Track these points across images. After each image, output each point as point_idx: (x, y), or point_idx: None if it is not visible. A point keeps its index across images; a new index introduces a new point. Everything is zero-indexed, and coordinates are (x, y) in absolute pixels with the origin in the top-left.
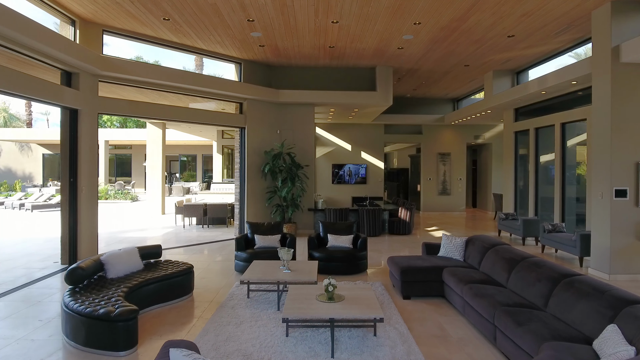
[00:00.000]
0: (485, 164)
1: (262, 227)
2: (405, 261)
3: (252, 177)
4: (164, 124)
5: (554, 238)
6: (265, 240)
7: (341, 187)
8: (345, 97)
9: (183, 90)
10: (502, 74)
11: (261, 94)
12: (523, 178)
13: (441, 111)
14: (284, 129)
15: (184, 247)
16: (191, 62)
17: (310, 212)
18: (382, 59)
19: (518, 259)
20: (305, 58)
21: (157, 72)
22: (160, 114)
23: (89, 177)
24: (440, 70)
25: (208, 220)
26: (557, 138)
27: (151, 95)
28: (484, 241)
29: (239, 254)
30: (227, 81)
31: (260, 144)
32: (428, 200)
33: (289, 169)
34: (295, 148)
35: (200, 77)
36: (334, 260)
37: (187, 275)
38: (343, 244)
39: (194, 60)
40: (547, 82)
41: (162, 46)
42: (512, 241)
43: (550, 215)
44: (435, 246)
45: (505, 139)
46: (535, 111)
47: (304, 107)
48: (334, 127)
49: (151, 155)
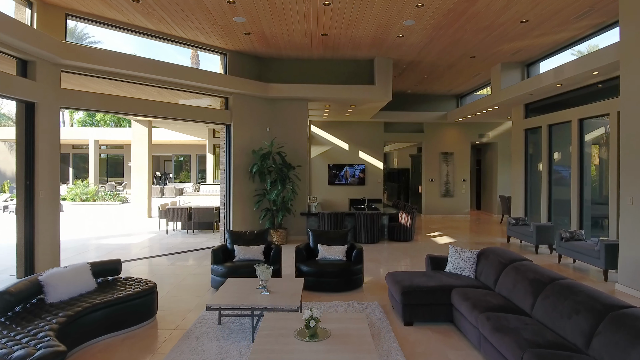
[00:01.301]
0: (491, 164)
1: (244, 237)
2: (407, 279)
3: (239, 178)
4: (150, 122)
5: (573, 247)
6: (246, 251)
7: (338, 189)
8: (341, 91)
9: (160, 83)
10: (511, 66)
11: (249, 88)
12: (534, 179)
13: (444, 108)
14: (275, 126)
15: (161, 256)
16: (187, 59)
17: (303, 217)
18: (381, 49)
19: (545, 281)
20: (297, 48)
21: (129, 62)
22: (135, 109)
23: (49, 179)
24: (444, 63)
25: (193, 225)
26: (575, 135)
27: (128, 89)
28: (500, 255)
29: (215, 268)
30: (210, 73)
31: (248, 143)
32: (430, 203)
33: (279, 170)
34: (287, 147)
35: (178, 69)
36: (325, 276)
37: (149, 296)
38: (336, 256)
39: (190, 59)
40: (565, 73)
41: (137, 34)
42: (522, 249)
43: (564, 220)
44: (441, 260)
45: (514, 137)
46: (549, 106)
47: (297, 103)
48: (330, 125)
49: (137, 155)
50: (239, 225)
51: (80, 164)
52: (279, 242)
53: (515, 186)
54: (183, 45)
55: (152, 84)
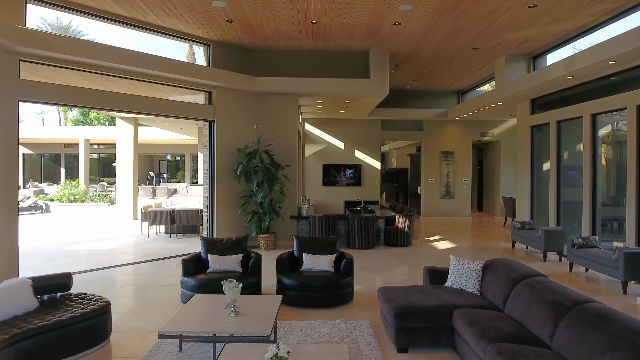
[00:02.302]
0: (493, 163)
1: (219, 245)
2: (401, 297)
3: (223, 179)
4: (136, 120)
5: (587, 255)
6: (221, 262)
7: (333, 190)
8: (334, 85)
9: (135, 75)
10: (516, 58)
11: (234, 82)
12: (541, 180)
13: (444, 105)
14: (263, 123)
15: (135, 264)
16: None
17: (293, 220)
18: (376, 39)
19: (568, 304)
20: (286, 38)
21: (98, 52)
22: (107, 103)
23: (4, 181)
24: (444, 55)
25: (176, 228)
26: (587, 132)
27: (103, 82)
28: (510, 269)
29: (185, 281)
30: (191, 65)
31: (233, 141)
32: (430, 204)
33: (266, 170)
34: (276, 145)
35: (155, 60)
36: (310, 290)
37: (99, 317)
38: (322, 267)
39: (187, 57)
40: (577, 63)
41: (107, 21)
42: (528, 255)
43: (572, 224)
44: (441, 273)
45: (519, 134)
46: (558, 101)
47: (286, 98)
48: (324, 123)
49: (122, 155)
50: (222, 229)
51: (73, 163)
52: (266, 247)
53: (520, 187)
54: (162, 35)
55: (126, 76)
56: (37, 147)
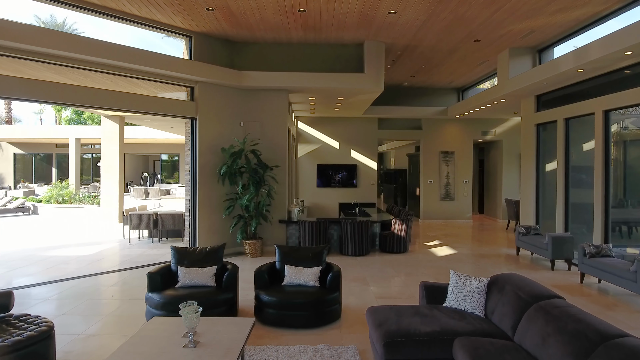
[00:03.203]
0: (495, 164)
1: (192, 256)
2: (392, 320)
3: (207, 181)
4: (122, 119)
5: (600, 265)
6: (192, 275)
7: (328, 192)
8: (326, 80)
9: (108, 69)
10: (521, 52)
11: (218, 76)
12: (547, 182)
13: (444, 103)
14: (250, 120)
15: (108, 273)
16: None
17: (282, 225)
18: (370, 30)
19: (594, 339)
20: (273, 29)
21: (66, 42)
22: (78, 99)
23: None
24: (444, 48)
25: (159, 233)
26: (599, 129)
27: (77, 77)
28: (519, 288)
29: (151, 298)
30: (171, 58)
31: (217, 140)
32: (428, 206)
33: (253, 171)
34: (264, 145)
35: (130, 53)
36: (292, 308)
37: (38, 345)
38: (306, 281)
39: (183, 55)
40: (589, 54)
41: (76, 9)
42: (533, 262)
43: (581, 229)
44: (439, 289)
45: (524, 133)
46: (566, 97)
47: (275, 94)
48: (318, 122)
49: (107, 154)
50: (205, 235)
51: (65, 164)
52: (252, 254)
53: (525, 189)
54: (139, 26)
55: (99, 69)
56: (29, 147)
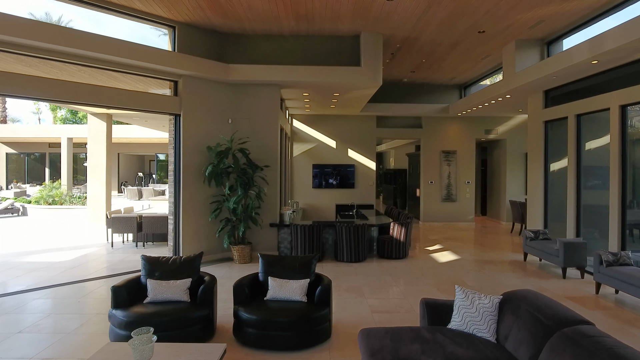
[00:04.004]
0: (498, 164)
1: (164, 266)
2: (388, 347)
3: (192, 182)
4: (109, 117)
5: (619, 275)
6: (163, 289)
7: (324, 193)
8: (320, 73)
9: (84, 60)
10: (528, 44)
11: (203, 69)
12: (555, 182)
13: (445, 100)
14: (239, 117)
15: (82, 282)
16: None
17: (273, 229)
18: (367, 19)
19: None
20: (263, 19)
21: (34, 31)
22: (49, 92)
23: None
24: (445, 41)
25: (144, 237)
26: (615, 126)
27: (50, 70)
28: (538, 309)
29: (114, 315)
30: (151, 50)
31: (203, 138)
32: (429, 208)
33: (241, 172)
34: (254, 143)
35: (107, 43)
36: (275, 327)
37: None
38: (292, 296)
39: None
40: (605, 44)
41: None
42: (542, 269)
43: (593, 233)
44: (442, 308)
45: (531, 131)
46: (577, 92)
47: (266, 89)
48: (314, 120)
49: (93, 154)
50: (190, 240)
51: (59, 164)
52: (240, 260)
53: (532, 190)
54: (116, 14)
55: (73, 61)
56: (22, 147)
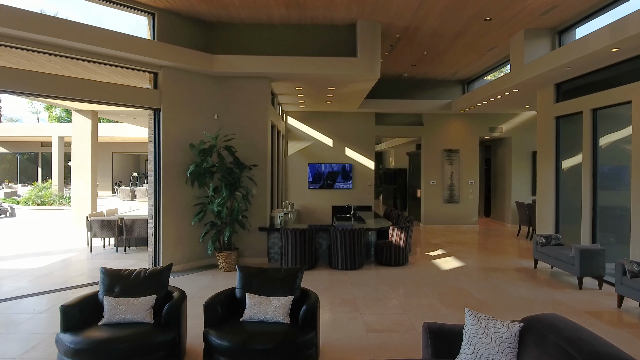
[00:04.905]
0: (503, 163)
1: (126, 281)
2: None
3: (173, 182)
4: (94, 114)
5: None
6: (122, 308)
7: (320, 193)
8: (313, 65)
9: (54, 49)
10: (538, 34)
11: (186, 60)
12: (567, 183)
13: (447, 96)
14: (225, 112)
15: (45, 294)
16: None
17: (263, 234)
18: (364, 7)
19: None
20: (251, 6)
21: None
22: (9, 83)
23: None
24: (448, 31)
25: (125, 241)
26: (638, 120)
27: (17, 59)
28: (570, 341)
29: (61, 341)
30: (128, 38)
31: (186, 134)
32: (431, 210)
33: (227, 171)
34: (241, 141)
35: (80, 29)
36: (251, 355)
37: None
38: (272, 316)
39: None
40: (628, 29)
41: None
42: (553, 277)
43: (609, 238)
44: (449, 335)
45: (540, 128)
46: (593, 85)
47: (255, 82)
48: (310, 117)
49: (78, 152)
50: (171, 246)
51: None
52: (226, 268)
53: (542, 191)
54: (92, 0)
55: (41, 49)
56: (15, 146)
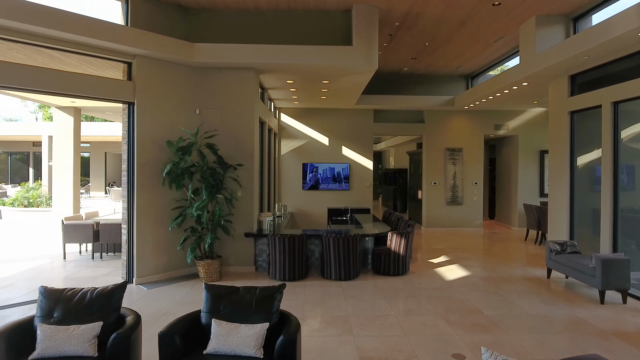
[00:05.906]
0: (508, 163)
1: (66, 303)
2: None
3: (149, 183)
4: (77, 111)
5: None
6: (60, 338)
7: (315, 195)
8: (304, 54)
9: (14, 35)
10: (551, 20)
11: (163, 48)
12: (582, 184)
13: (450, 92)
14: (208, 107)
15: (5, 308)
16: None
17: (249, 240)
18: None
19: None
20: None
21: None
22: None
23: None
24: (453, 18)
25: (101, 247)
26: None
27: None
28: None
29: None
30: (97, 22)
31: (163, 131)
32: (432, 212)
33: (209, 171)
34: (225, 138)
35: (43, 11)
36: None
37: None
38: (241, 349)
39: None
40: None
41: None
42: (569, 288)
43: (631, 245)
44: None
45: (553, 124)
46: (612, 76)
47: (241, 73)
48: (304, 114)
49: (59, 151)
50: (148, 253)
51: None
52: (208, 278)
53: (554, 193)
54: None
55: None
56: (7, 146)
